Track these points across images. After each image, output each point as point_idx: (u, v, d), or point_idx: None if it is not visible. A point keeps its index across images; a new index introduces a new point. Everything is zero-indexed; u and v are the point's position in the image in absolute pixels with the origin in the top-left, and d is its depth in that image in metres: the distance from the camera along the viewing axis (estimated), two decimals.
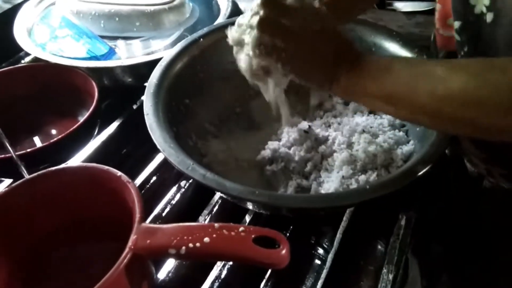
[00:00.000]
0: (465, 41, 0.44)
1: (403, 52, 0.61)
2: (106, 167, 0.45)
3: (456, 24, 0.44)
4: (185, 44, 0.64)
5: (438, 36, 0.49)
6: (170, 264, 0.50)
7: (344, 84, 0.42)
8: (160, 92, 0.57)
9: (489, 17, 0.41)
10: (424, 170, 0.44)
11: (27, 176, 0.47)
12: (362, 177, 0.54)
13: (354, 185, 0.53)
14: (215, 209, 0.56)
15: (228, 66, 0.68)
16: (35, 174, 0.46)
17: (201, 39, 0.65)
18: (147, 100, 0.55)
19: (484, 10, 0.41)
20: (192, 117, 0.63)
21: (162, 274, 0.50)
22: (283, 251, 0.37)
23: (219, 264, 0.49)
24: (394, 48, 0.62)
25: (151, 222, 0.54)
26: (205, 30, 0.67)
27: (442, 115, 0.37)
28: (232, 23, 0.69)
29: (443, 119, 0.38)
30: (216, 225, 0.38)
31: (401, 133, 0.60)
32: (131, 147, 0.69)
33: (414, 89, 0.38)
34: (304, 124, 0.61)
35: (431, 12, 0.81)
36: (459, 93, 0.35)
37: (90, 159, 0.62)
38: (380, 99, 0.41)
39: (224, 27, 0.68)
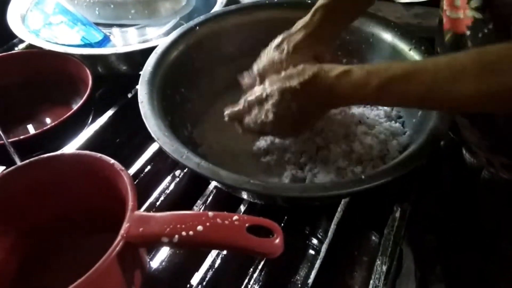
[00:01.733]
0: (489, 18, 0.43)
1: (401, 43, 0.61)
2: (99, 155, 0.45)
3: (476, 1, 0.43)
4: (181, 32, 0.64)
5: (445, 17, 0.48)
6: (163, 253, 0.50)
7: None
8: (155, 80, 0.56)
9: None
10: (420, 161, 0.44)
11: (19, 163, 0.46)
12: (358, 168, 0.54)
13: (350, 176, 0.53)
14: (209, 199, 0.56)
15: (224, 55, 0.68)
16: (27, 161, 0.46)
17: (197, 27, 0.65)
18: (141, 88, 0.54)
19: None
20: (188, 106, 0.62)
21: (155, 263, 0.49)
22: (277, 240, 0.36)
23: (212, 253, 0.49)
24: (391, 39, 0.62)
25: (145, 211, 0.54)
26: (201, 18, 0.66)
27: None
28: (229, 12, 0.69)
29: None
30: (210, 213, 0.38)
31: (397, 125, 0.60)
32: (126, 136, 0.69)
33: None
34: None
35: (429, 3, 0.81)
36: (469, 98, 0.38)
37: (84, 147, 0.62)
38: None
39: (220, 15, 0.68)
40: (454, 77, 0.38)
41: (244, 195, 0.51)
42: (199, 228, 0.37)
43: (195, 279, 0.47)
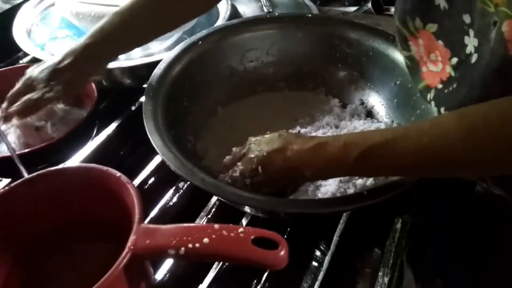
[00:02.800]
0: (458, 77, 0.45)
1: (400, 57, 0.62)
2: (106, 168, 0.46)
3: (454, 60, 0.45)
4: (184, 47, 0.65)
5: (425, 68, 0.50)
6: (168, 265, 0.51)
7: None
8: (158, 95, 0.57)
9: (473, 58, 0.42)
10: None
11: (26, 176, 0.47)
12: (359, 182, 0.54)
13: (351, 189, 0.53)
14: (213, 211, 0.57)
15: (226, 68, 0.69)
16: (34, 174, 0.46)
17: (200, 42, 0.66)
18: (146, 104, 0.55)
19: (473, 50, 0.42)
20: (190, 119, 0.63)
21: (159, 275, 0.50)
22: (282, 252, 0.37)
23: (216, 265, 0.50)
24: (391, 52, 0.63)
25: (148, 223, 0.54)
26: (203, 33, 0.68)
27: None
28: (230, 26, 0.70)
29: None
30: (216, 226, 0.38)
31: None
32: (129, 148, 0.69)
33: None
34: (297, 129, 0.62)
35: None
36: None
37: (89, 160, 0.62)
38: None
39: (222, 30, 0.69)
40: (438, 142, 0.38)
41: (248, 210, 0.51)
42: (205, 240, 0.37)
43: None
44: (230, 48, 0.69)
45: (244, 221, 0.54)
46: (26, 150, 0.57)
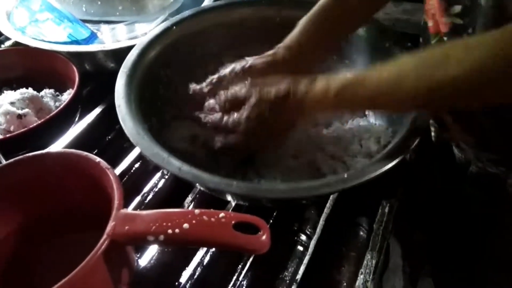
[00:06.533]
0: (468, 23, 0.44)
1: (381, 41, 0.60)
2: (85, 153, 0.45)
3: (457, 8, 0.44)
4: (158, 32, 0.62)
5: (433, 21, 0.49)
6: (152, 251, 0.50)
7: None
8: (132, 82, 0.55)
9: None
10: (400, 158, 0.44)
11: (4, 162, 0.46)
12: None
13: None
14: (199, 196, 0.56)
15: (202, 55, 0.66)
16: (12, 160, 0.45)
17: (174, 27, 0.63)
18: (118, 91, 0.52)
19: None
20: (167, 107, 0.61)
21: (144, 261, 0.49)
22: (264, 237, 0.36)
23: (201, 251, 0.49)
24: (369, 36, 0.62)
25: (134, 209, 0.54)
26: (178, 17, 0.65)
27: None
28: (206, 10, 0.67)
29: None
30: (196, 211, 0.38)
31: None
32: (114, 134, 0.68)
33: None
34: None
35: None
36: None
37: (72, 145, 0.61)
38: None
39: (198, 14, 0.66)
40: (396, 78, 0.40)
41: (229, 198, 0.51)
42: (185, 226, 0.36)
43: (184, 277, 0.47)
44: (206, 33, 0.66)
45: (232, 204, 0.54)
46: (6, 136, 0.56)
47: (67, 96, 0.67)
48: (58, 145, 0.60)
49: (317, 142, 0.58)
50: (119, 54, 0.68)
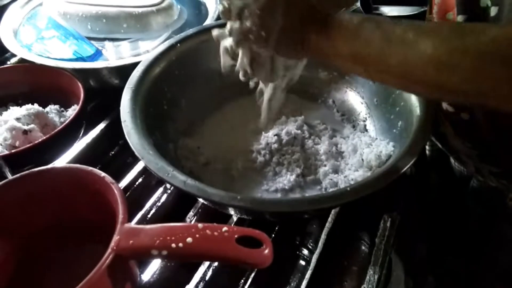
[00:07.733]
0: None
1: None
2: (90, 168, 0.45)
3: (460, 18, 0.44)
4: (163, 49, 0.64)
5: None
6: (155, 265, 0.50)
7: (314, 45, 0.42)
8: (137, 98, 0.56)
9: (493, 11, 0.41)
10: (404, 170, 0.45)
11: (10, 177, 0.47)
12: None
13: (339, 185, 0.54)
14: (201, 210, 0.56)
15: (206, 71, 0.67)
16: (18, 175, 0.46)
17: (178, 44, 0.65)
18: (124, 107, 0.54)
19: (489, 3, 0.41)
20: (171, 124, 0.62)
21: (146, 276, 0.49)
22: (266, 251, 0.37)
23: (204, 265, 0.49)
24: None
25: (137, 223, 0.54)
26: (182, 35, 0.67)
27: (411, 78, 0.38)
28: (210, 28, 0.68)
29: (412, 82, 0.38)
30: (200, 225, 0.38)
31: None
32: (118, 149, 0.69)
33: (385, 52, 0.38)
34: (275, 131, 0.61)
35: (417, 16, 0.83)
36: (429, 57, 0.35)
37: (76, 160, 0.62)
38: (350, 60, 0.41)
39: (201, 32, 0.67)
40: (384, 44, 0.38)
41: (232, 212, 0.51)
42: (189, 240, 0.37)
43: None
44: (210, 50, 0.66)
45: (234, 219, 0.54)
46: (12, 151, 0.57)
47: (72, 111, 0.68)
48: (63, 160, 0.61)
49: (318, 156, 0.59)
50: (123, 71, 0.70)
